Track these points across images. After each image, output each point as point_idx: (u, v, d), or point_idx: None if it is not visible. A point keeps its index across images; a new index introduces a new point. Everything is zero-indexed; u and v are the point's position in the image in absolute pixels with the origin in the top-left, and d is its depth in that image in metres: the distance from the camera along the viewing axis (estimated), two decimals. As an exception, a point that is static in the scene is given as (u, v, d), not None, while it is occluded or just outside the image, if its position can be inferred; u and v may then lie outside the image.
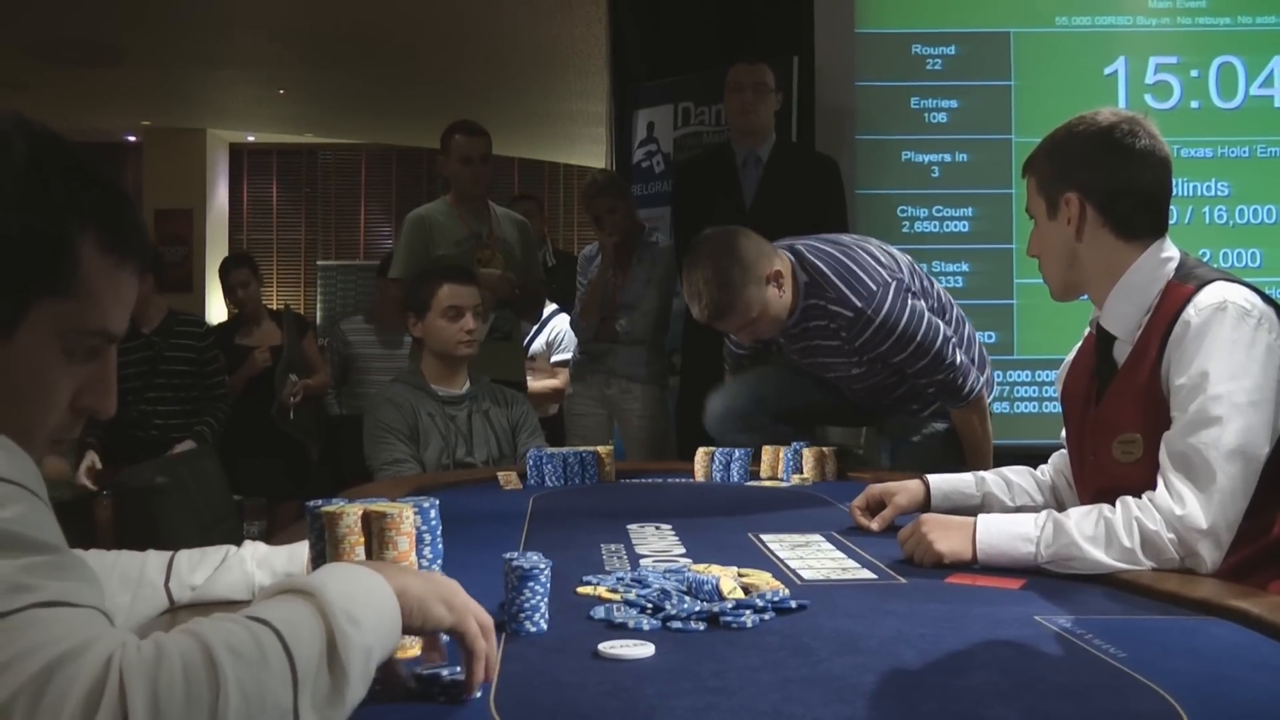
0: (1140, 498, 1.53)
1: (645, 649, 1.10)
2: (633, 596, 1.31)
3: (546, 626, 1.19)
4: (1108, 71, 4.25)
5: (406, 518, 1.19)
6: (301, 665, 0.76)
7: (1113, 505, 1.53)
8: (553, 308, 4.80)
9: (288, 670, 0.75)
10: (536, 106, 8.92)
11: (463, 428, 2.96)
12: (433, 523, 1.26)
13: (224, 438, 4.05)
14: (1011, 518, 1.59)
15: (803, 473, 2.54)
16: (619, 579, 1.42)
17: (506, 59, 7.71)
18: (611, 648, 1.10)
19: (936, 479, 1.96)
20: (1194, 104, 4.23)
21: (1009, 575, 1.50)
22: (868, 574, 1.54)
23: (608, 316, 3.95)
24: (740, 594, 1.31)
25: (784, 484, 2.52)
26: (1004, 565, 1.53)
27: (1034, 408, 4.24)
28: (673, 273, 3.94)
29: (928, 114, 4.29)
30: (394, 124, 10.21)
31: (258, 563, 1.33)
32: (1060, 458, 1.95)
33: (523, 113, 9.01)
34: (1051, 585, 1.46)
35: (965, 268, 4.27)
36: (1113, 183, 1.68)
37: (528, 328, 4.50)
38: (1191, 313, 1.57)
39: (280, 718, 0.74)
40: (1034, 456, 2.07)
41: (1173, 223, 1.73)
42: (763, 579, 1.40)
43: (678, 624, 1.20)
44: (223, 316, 5.12)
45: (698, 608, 1.24)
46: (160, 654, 0.71)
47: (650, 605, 1.27)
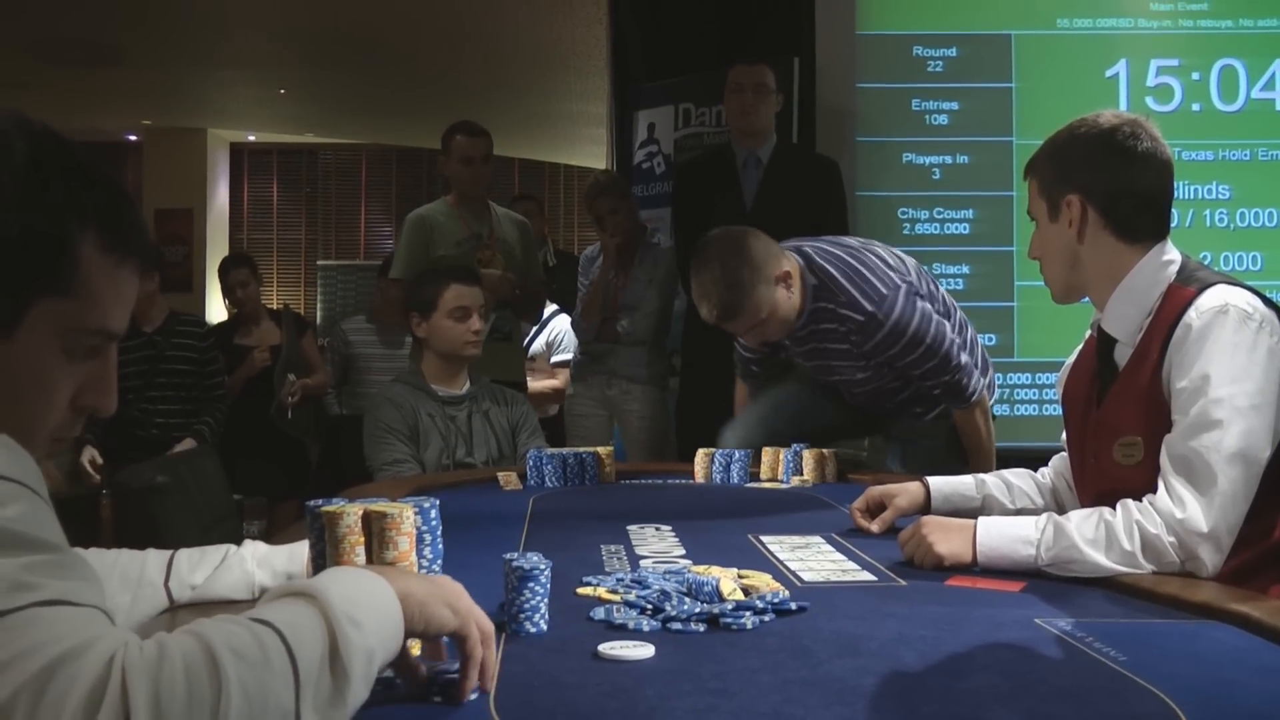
0: (1141, 501, 1.53)
1: (645, 650, 1.10)
2: (633, 598, 1.31)
3: (546, 627, 1.19)
4: (1109, 74, 4.25)
5: (407, 518, 1.19)
6: (304, 666, 0.76)
7: (1113, 508, 1.53)
8: (553, 308, 4.80)
9: (290, 671, 0.75)
10: (537, 107, 8.92)
11: (463, 428, 2.95)
12: (433, 523, 1.27)
13: (224, 437, 4.06)
14: (1012, 520, 1.59)
15: (803, 474, 2.54)
16: (619, 580, 1.42)
17: (507, 60, 7.71)
18: (611, 649, 1.10)
19: (936, 481, 1.96)
20: (1195, 106, 4.23)
21: (1009, 578, 1.50)
22: (868, 576, 1.54)
23: (609, 317, 3.95)
24: (740, 595, 1.31)
25: (784, 486, 2.52)
26: (1004, 568, 1.53)
27: (1034, 410, 4.24)
28: (674, 274, 3.95)
29: (928, 116, 4.29)
30: (394, 124, 10.21)
31: (258, 562, 1.33)
32: (1061, 460, 1.95)
33: (523, 113, 9.01)
34: (1052, 588, 1.46)
35: (966, 270, 4.27)
36: (1114, 185, 1.68)
37: (528, 328, 4.51)
38: (1193, 316, 1.57)
39: (282, 719, 0.74)
40: (1034, 459, 2.07)
41: (1174, 225, 1.73)
42: (763, 580, 1.40)
43: (678, 625, 1.20)
44: (223, 316, 5.12)
45: (698, 609, 1.24)
46: (162, 654, 0.71)
47: (650, 606, 1.27)
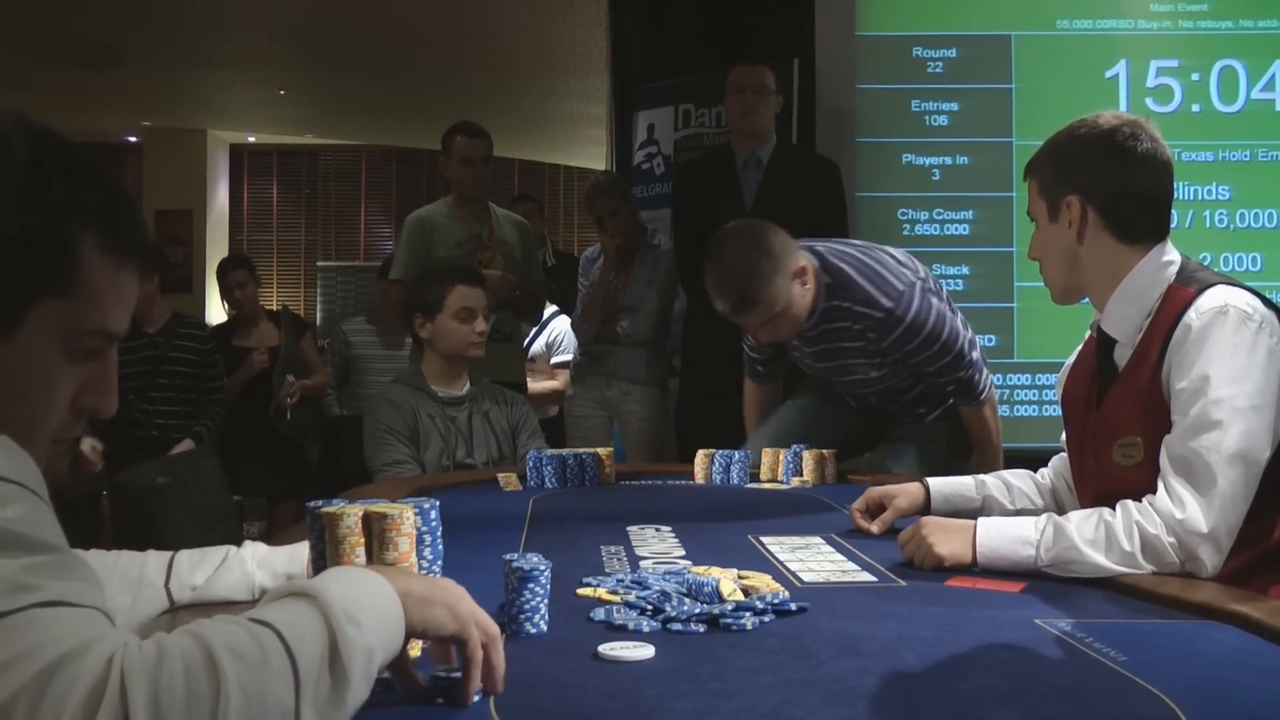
0: (1141, 501, 1.53)
1: (645, 651, 1.10)
2: (633, 598, 1.31)
3: (546, 628, 1.19)
4: (1109, 74, 4.25)
5: (407, 519, 1.19)
6: (303, 666, 0.75)
7: (1113, 508, 1.53)
8: (553, 309, 4.80)
9: (289, 671, 0.75)
10: (537, 108, 8.92)
11: (463, 429, 2.95)
12: (433, 524, 1.27)
13: (223, 438, 4.06)
14: (1011, 521, 1.59)
15: (803, 475, 2.54)
16: (619, 581, 1.42)
17: (507, 61, 7.72)
18: (612, 649, 1.10)
19: (936, 482, 1.96)
20: (1195, 107, 4.23)
21: (1009, 578, 1.50)
22: (868, 576, 1.54)
23: (609, 318, 3.95)
24: (740, 596, 1.31)
25: (784, 486, 2.52)
26: (1004, 568, 1.53)
27: (1034, 411, 4.24)
28: (674, 275, 3.95)
29: (928, 117, 4.29)
30: (394, 125, 10.22)
31: (258, 563, 1.33)
32: (1060, 461, 1.95)
33: (523, 114, 9.02)
34: (1052, 588, 1.46)
35: (966, 270, 4.27)
36: (1114, 186, 1.68)
37: (528, 329, 4.51)
38: (1193, 316, 1.57)
39: (282, 719, 0.74)
40: (1034, 460, 2.07)
41: (1173, 226, 1.73)
42: (763, 581, 1.40)
43: (678, 626, 1.20)
44: (222, 318, 5.12)
45: (698, 610, 1.24)
46: (162, 654, 0.71)
47: (650, 607, 1.27)
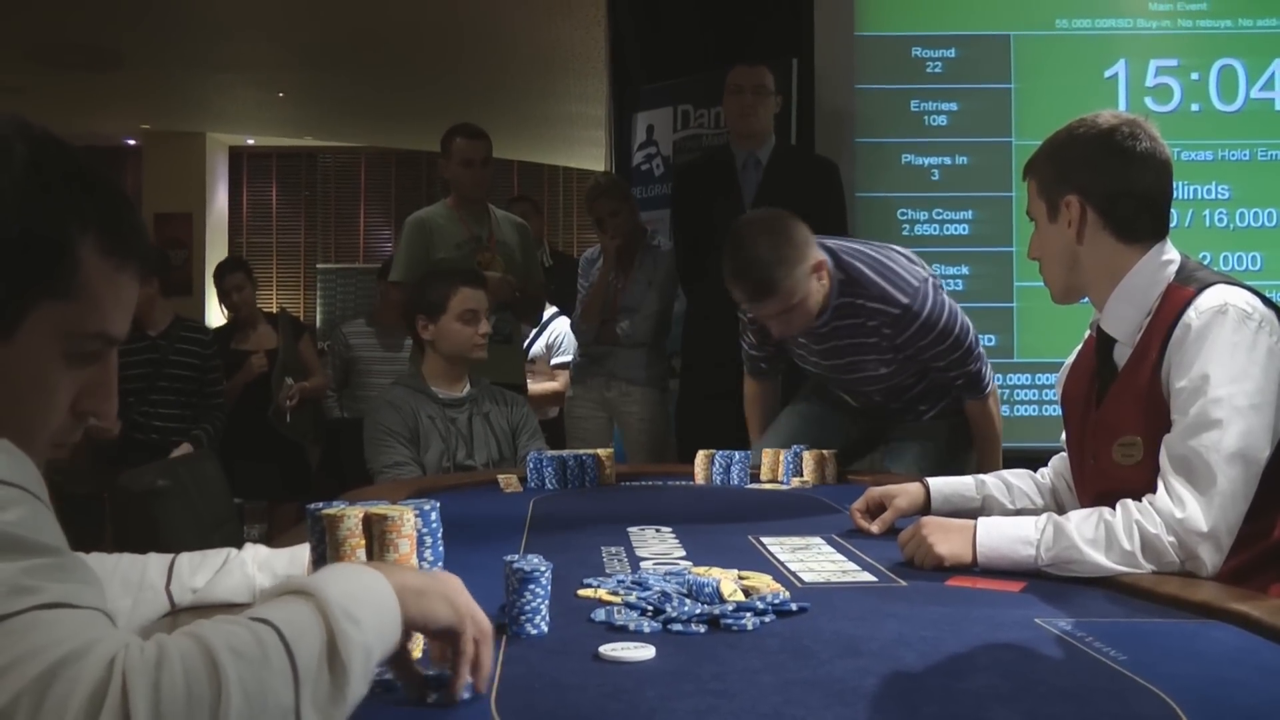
0: (1140, 500, 1.53)
1: (646, 651, 1.10)
2: (633, 599, 1.31)
3: (547, 629, 1.19)
4: (1108, 74, 4.25)
5: (407, 520, 1.19)
6: (303, 664, 0.75)
7: (1113, 508, 1.53)
8: (553, 310, 4.80)
9: (289, 670, 0.75)
10: (536, 109, 8.92)
11: (463, 430, 2.95)
12: (433, 525, 1.27)
13: (223, 441, 4.06)
14: (1012, 520, 1.59)
15: (803, 475, 2.54)
16: (619, 581, 1.42)
17: (506, 62, 7.72)
18: (612, 650, 1.10)
19: (936, 482, 1.96)
20: (1194, 107, 4.22)
21: (1009, 578, 1.50)
22: (868, 576, 1.54)
23: (609, 319, 3.95)
24: (741, 596, 1.31)
25: (784, 487, 2.52)
26: (1004, 568, 1.53)
27: (1034, 410, 4.24)
28: (673, 276, 3.95)
29: (927, 117, 4.29)
30: (393, 127, 10.22)
31: (259, 565, 1.33)
32: (1060, 461, 1.95)
33: (522, 116, 9.02)
34: (1052, 588, 1.46)
35: (965, 271, 4.27)
36: (1113, 185, 1.68)
37: (527, 331, 4.51)
38: (1192, 315, 1.57)
39: (282, 716, 0.74)
40: (1034, 459, 2.07)
41: (1173, 226, 1.73)
42: (763, 581, 1.40)
43: (678, 626, 1.20)
44: (222, 321, 5.12)
45: (698, 610, 1.24)
46: (162, 655, 0.71)
47: (651, 608, 1.27)
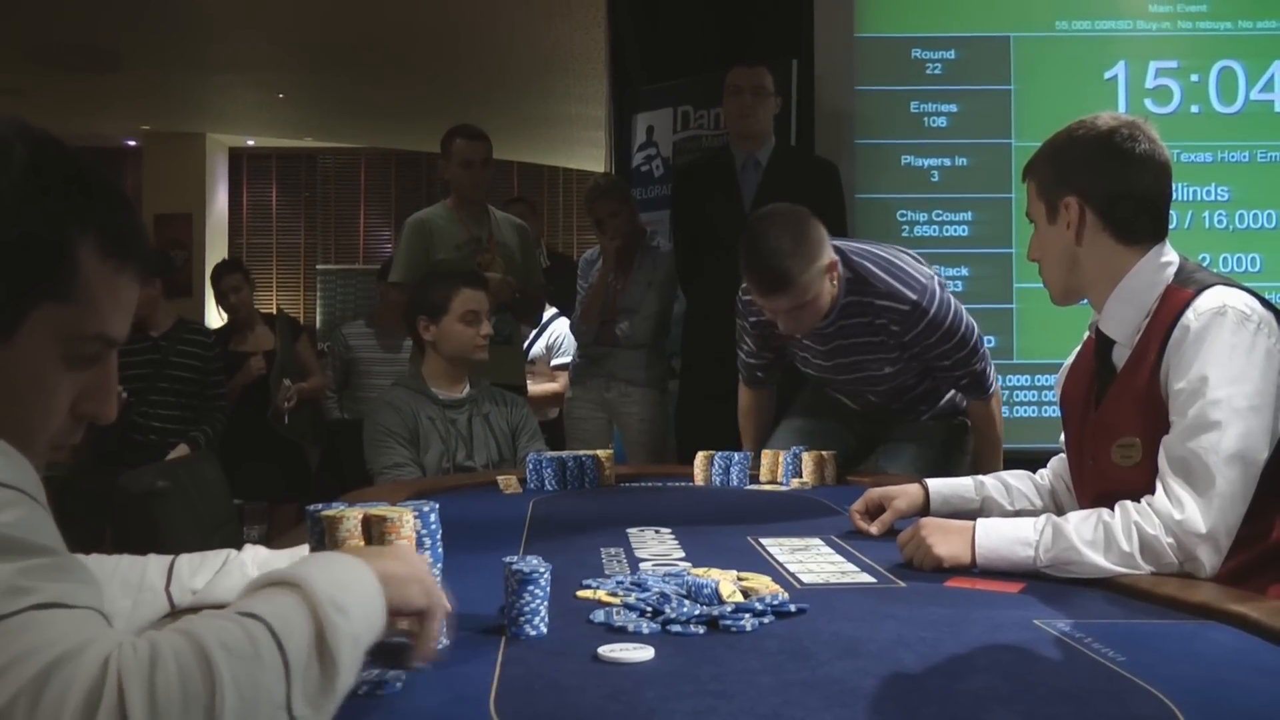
0: (1139, 502, 1.53)
1: (645, 652, 1.10)
2: (632, 600, 1.31)
3: (546, 630, 1.19)
4: (1107, 76, 4.25)
5: (406, 521, 1.19)
6: (293, 658, 0.76)
7: (1112, 509, 1.53)
8: (552, 311, 4.80)
9: (280, 663, 0.75)
10: (536, 110, 8.92)
11: (463, 431, 2.95)
12: (432, 526, 1.27)
13: (223, 442, 4.06)
14: (1010, 522, 1.59)
15: (802, 477, 2.54)
16: (619, 583, 1.42)
17: (505, 63, 7.72)
18: (611, 651, 1.10)
19: (935, 483, 1.96)
20: (1194, 108, 4.23)
21: (1008, 579, 1.50)
22: (867, 578, 1.54)
23: (608, 320, 3.95)
24: (740, 597, 1.31)
25: (783, 488, 2.52)
26: (1003, 569, 1.53)
27: (1033, 412, 4.24)
28: (673, 277, 3.95)
29: (927, 118, 4.29)
30: (393, 128, 10.22)
31: (258, 566, 1.33)
32: (1059, 462, 1.95)
33: (522, 117, 9.02)
34: (1051, 589, 1.46)
35: (965, 272, 4.27)
36: (1112, 187, 1.68)
37: (527, 332, 4.51)
38: (1191, 317, 1.57)
39: (274, 711, 0.74)
40: (1033, 461, 2.07)
41: (1172, 227, 1.73)
42: (762, 583, 1.40)
43: (677, 627, 1.20)
44: (221, 322, 5.12)
45: (697, 611, 1.24)
46: (156, 654, 0.71)
47: (650, 609, 1.27)
